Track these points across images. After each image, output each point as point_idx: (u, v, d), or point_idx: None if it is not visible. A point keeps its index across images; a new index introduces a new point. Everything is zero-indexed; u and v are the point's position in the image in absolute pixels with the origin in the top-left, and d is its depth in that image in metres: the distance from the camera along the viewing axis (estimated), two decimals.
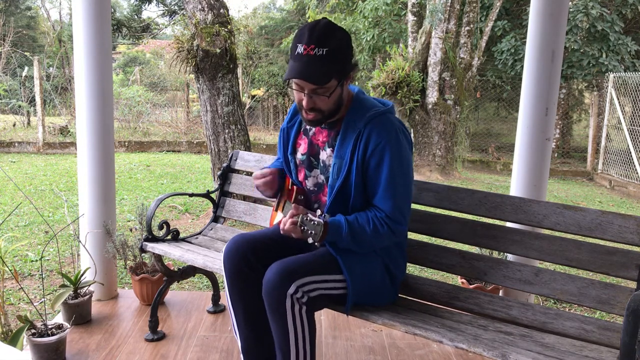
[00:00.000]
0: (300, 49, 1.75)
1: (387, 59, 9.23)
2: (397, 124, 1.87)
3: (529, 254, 2.03)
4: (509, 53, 10.68)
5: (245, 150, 5.07)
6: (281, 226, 1.82)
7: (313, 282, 1.81)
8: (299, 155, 2.03)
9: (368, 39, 11.14)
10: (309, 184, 2.02)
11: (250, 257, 1.96)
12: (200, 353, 2.48)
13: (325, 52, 1.73)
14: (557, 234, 2.02)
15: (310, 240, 1.78)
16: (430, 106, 8.75)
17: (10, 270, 2.58)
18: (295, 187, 2.04)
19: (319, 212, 1.80)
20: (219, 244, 2.68)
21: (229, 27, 5.11)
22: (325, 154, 1.96)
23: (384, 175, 1.83)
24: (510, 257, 2.54)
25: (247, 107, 12.47)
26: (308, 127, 2.02)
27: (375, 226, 1.84)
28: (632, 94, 8.88)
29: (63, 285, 2.67)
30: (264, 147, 10.52)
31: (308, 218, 1.78)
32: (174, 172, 7.87)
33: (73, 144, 9.50)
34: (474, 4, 8.95)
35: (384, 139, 1.82)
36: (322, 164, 1.97)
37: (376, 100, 1.97)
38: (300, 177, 2.04)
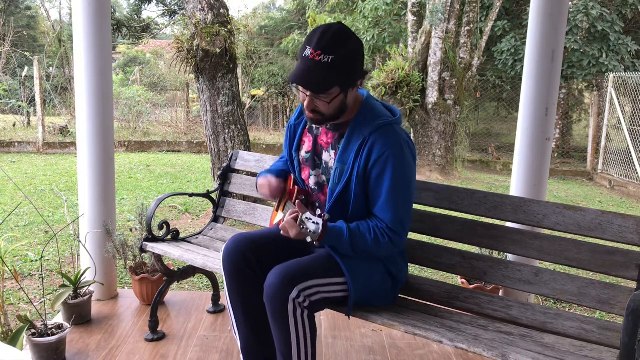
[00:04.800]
0: (307, 51, 1.74)
1: (387, 59, 9.24)
2: (402, 136, 1.86)
3: (529, 254, 2.03)
4: (509, 53, 10.68)
5: (245, 150, 5.07)
6: (281, 224, 1.82)
7: (315, 286, 1.81)
8: (302, 153, 2.03)
9: (368, 39, 11.15)
10: (311, 182, 2.02)
11: (249, 256, 1.96)
12: (200, 353, 2.48)
13: (330, 60, 1.71)
14: (557, 234, 2.02)
15: (308, 239, 1.77)
16: (430, 106, 8.75)
17: (10, 270, 2.58)
18: (296, 187, 2.04)
19: (318, 211, 1.80)
20: (218, 244, 2.68)
21: (229, 27, 5.11)
22: (328, 156, 1.96)
23: (386, 187, 1.82)
24: (510, 257, 2.54)
25: (247, 107, 12.47)
26: (314, 126, 2.02)
27: (377, 236, 1.84)
28: (632, 94, 8.88)
29: (63, 285, 2.67)
30: (264, 147, 10.52)
31: (307, 217, 1.77)
32: (174, 172, 7.87)
33: (73, 144, 9.50)
34: (474, 4, 8.95)
35: (388, 150, 1.80)
36: (324, 165, 1.97)
37: (385, 106, 1.96)
38: (304, 175, 2.04)
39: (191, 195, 2.86)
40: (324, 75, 1.73)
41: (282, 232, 1.84)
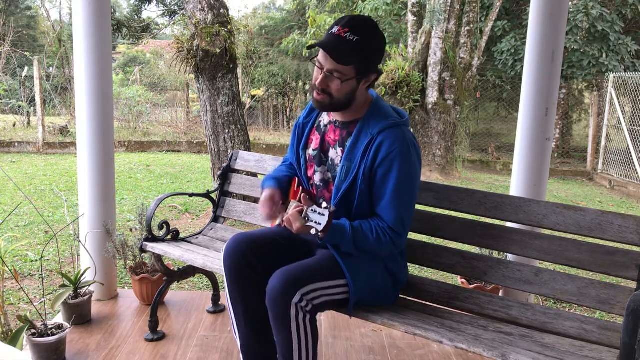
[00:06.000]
0: (335, 29, 1.80)
1: (387, 59, 9.23)
2: (410, 138, 1.88)
3: (528, 254, 2.03)
4: (509, 53, 10.68)
5: (245, 150, 5.07)
6: (285, 217, 1.81)
7: (318, 289, 1.81)
8: (310, 151, 2.04)
9: None
10: (317, 179, 2.03)
11: (250, 256, 1.96)
12: (200, 353, 2.48)
13: (355, 40, 1.77)
14: (557, 234, 2.02)
15: (313, 232, 1.73)
16: (430, 106, 8.75)
17: (10, 270, 2.58)
18: (300, 188, 2.04)
19: (324, 204, 1.76)
20: (218, 244, 2.68)
21: (229, 27, 5.11)
22: (334, 153, 1.96)
23: (390, 186, 1.84)
24: (510, 257, 2.54)
25: (247, 107, 12.47)
26: (322, 124, 2.03)
27: (379, 235, 1.85)
28: (632, 94, 8.88)
29: (63, 285, 2.67)
30: (264, 147, 10.52)
31: (313, 209, 1.74)
32: (174, 172, 7.87)
33: (73, 144, 9.50)
34: (474, 4, 8.95)
35: (395, 149, 1.82)
36: (330, 162, 1.98)
37: (394, 109, 1.97)
38: (310, 172, 2.05)
39: (191, 195, 2.86)
40: (347, 51, 1.78)
41: (285, 224, 1.82)
